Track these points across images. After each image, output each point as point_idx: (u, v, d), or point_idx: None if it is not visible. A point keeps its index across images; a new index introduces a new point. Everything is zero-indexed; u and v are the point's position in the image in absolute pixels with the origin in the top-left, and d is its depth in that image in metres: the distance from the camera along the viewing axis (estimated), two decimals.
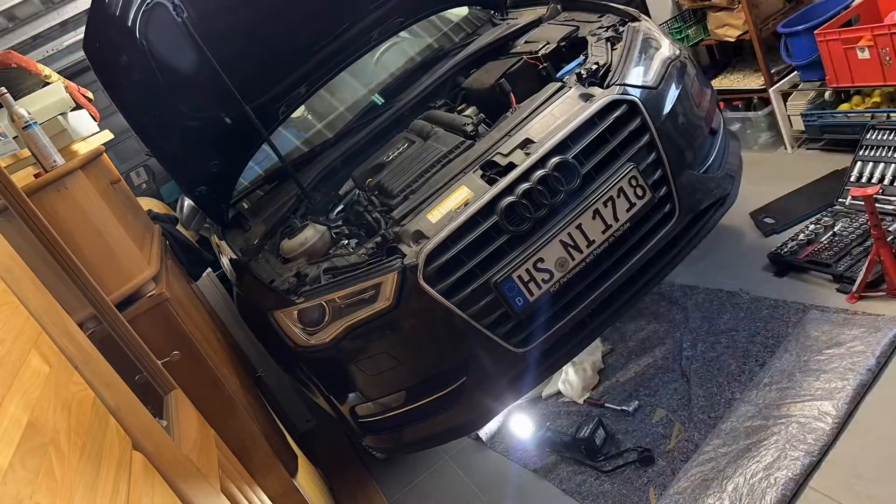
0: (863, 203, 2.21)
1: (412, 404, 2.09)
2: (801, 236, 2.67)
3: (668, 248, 2.09)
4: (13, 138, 1.90)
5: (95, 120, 2.48)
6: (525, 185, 1.91)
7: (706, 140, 2.22)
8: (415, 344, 1.99)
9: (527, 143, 2.00)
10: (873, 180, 2.71)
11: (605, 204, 1.97)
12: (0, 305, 0.85)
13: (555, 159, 1.93)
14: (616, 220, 1.99)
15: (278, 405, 3.10)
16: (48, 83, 2.31)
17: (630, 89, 2.04)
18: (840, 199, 2.79)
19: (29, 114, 1.75)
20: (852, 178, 2.78)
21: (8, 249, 1.01)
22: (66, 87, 2.20)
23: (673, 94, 2.13)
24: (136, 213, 2.42)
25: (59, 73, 2.49)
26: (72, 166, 1.72)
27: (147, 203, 3.33)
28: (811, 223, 2.74)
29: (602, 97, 2.02)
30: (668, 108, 2.09)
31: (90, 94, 2.47)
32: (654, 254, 2.06)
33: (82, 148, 2.11)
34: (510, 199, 1.90)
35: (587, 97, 2.05)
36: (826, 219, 2.72)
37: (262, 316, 2.11)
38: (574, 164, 1.95)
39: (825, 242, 2.58)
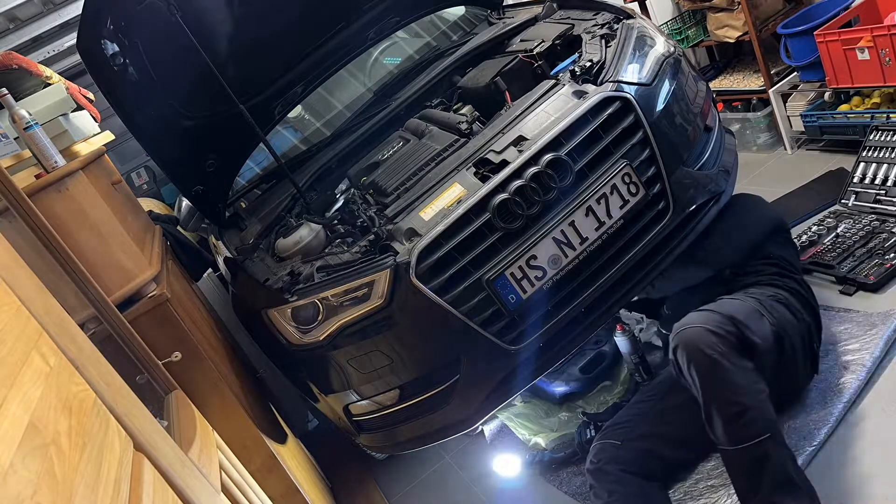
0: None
1: (406, 402, 2.09)
2: (804, 238, 2.67)
3: (662, 246, 2.09)
4: (14, 139, 1.91)
5: (96, 121, 2.49)
6: (518, 183, 1.91)
7: (701, 137, 2.22)
8: (408, 342, 1.99)
9: (520, 140, 2.00)
10: (876, 181, 2.71)
11: (598, 201, 1.97)
12: (1, 306, 0.86)
13: (548, 156, 1.93)
14: (609, 217, 1.99)
15: (279, 405, 3.11)
16: (49, 84, 2.32)
17: (624, 86, 2.04)
18: (843, 200, 2.79)
19: (30, 115, 1.76)
20: (855, 180, 2.79)
21: (9, 250, 1.02)
22: (67, 88, 2.21)
23: (667, 90, 2.12)
24: (137, 214, 2.43)
25: (60, 74, 2.50)
26: (73, 167, 1.73)
27: (148, 204, 3.34)
28: (814, 224, 2.74)
29: (595, 94, 2.02)
30: (661, 104, 2.09)
31: (91, 95, 2.48)
32: (647, 251, 2.06)
33: (83, 149, 2.11)
34: (503, 196, 1.90)
35: (580, 94, 2.05)
36: (829, 220, 2.72)
37: (257, 314, 2.12)
38: (567, 160, 1.94)
39: (828, 244, 2.57)
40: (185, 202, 2.89)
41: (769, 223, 2.24)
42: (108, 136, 2.46)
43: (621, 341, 2.38)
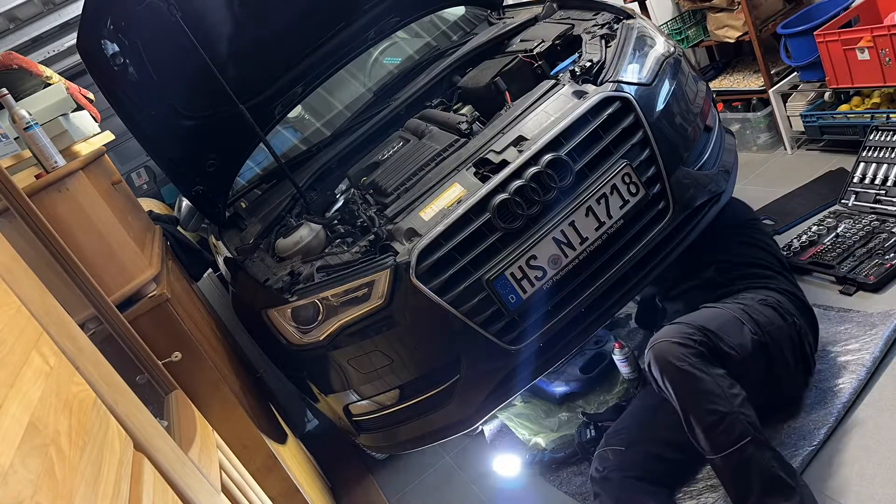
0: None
1: (406, 402, 2.10)
2: (804, 237, 2.67)
3: (661, 246, 2.09)
4: (14, 139, 1.91)
5: (96, 121, 2.49)
6: (518, 183, 1.91)
7: (700, 137, 2.22)
8: (408, 342, 1.99)
9: (520, 140, 2.01)
10: (876, 181, 2.71)
11: (598, 201, 1.97)
12: (1, 306, 0.86)
13: (548, 156, 1.93)
14: (609, 217, 1.99)
15: (278, 405, 3.11)
16: (49, 84, 2.33)
17: (624, 86, 2.05)
18: (843, 201, 2.79)
19: (30, 115, 1.76)
20: (855, 180, 2.78)
21: (9, 250, 1.02)
22: (67, 88, 2.21)
23: (667, 90, 2.13)
24: (137, 214, 2.43)
25: (60, 74, 2.50)
26: (73, 167, 1.73)
27: (148, 204, 3.34)
28: (814, 224, 2.74)
29: (595, 94, 2.02)
30: (661, 104, 2.09)
31: (91, 95, 2.49)
32: (647, 251, 2.06)
33: (83, 149, 2.11)
34: (503, 196, 1.90)
35: (580, 94, 2.05)
36: (829, 220, 2.72)
37: (257, 315, 2.12)
38: (567, 161, 1.94)
39: (828, 244, 2.57)
40: (185, 202, 2.89)
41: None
42: (108, 136, 2.46)
43: (619, 359, 2.38)
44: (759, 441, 1.67)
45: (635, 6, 3.70)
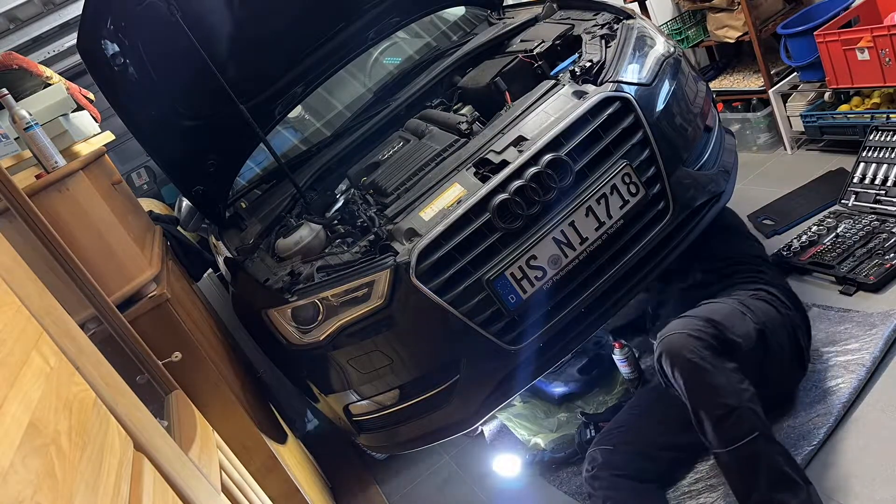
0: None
1: (406, 402, 2.10)
2: (804, 238, 2.67)
3: (661, 246, 2.09)
4: (14, 139, 1.91)
5: (97, 121, 2.49)
6: (518, 183, 1.91)
7: (700, 137, 2.22)
8: (408, 342, 1.99)
9: (520, 140, 2.01)
10: (876, 181, 2.71)
11: (598, 201, 1.97)
12: (1, 306, 0.86)
13: (548, 156, 1.93)
14: (609, 217, 1.99)
15: (279, 405, 3.11)
16: (49, 84, 2.32)
17: (624, 86, 2.05)
18: (843, 201, 2.79)
19: (30, 115, 1.76)
20: (855, 180, 2.79)
21: (9, 250, 1.02)
22: (67, 89, 2.21)
23: (667, 91, 2.13)
24: (138, 214, 2.43)
25: (60, 74, 2.50)
26: (73, 167, 1.73)
27: (148, 204, 3.33)
28: (814, 224, 2.74)
29: (595, 94, 2.03)
30: (661, 104, 2.09)
31: (91, 96, 2.48)
32: (647, 251, 2.06)
33: (84, 149, 2.11)
34: (503, 196, 1.90)
35: (580, 94, 2.06)
36: (829, 220, 2.72)
37: (257, 314, 2.12)
38: (567, 161, 1.95)
39: (828, 244, 2.57)
40: (185, 202, 2.89)
41: None
42: (108, 137, 2.46)
43: (619, 359, 2.38)
44: (767, 436, 1.67)
45: (635, 6, 3.69)
